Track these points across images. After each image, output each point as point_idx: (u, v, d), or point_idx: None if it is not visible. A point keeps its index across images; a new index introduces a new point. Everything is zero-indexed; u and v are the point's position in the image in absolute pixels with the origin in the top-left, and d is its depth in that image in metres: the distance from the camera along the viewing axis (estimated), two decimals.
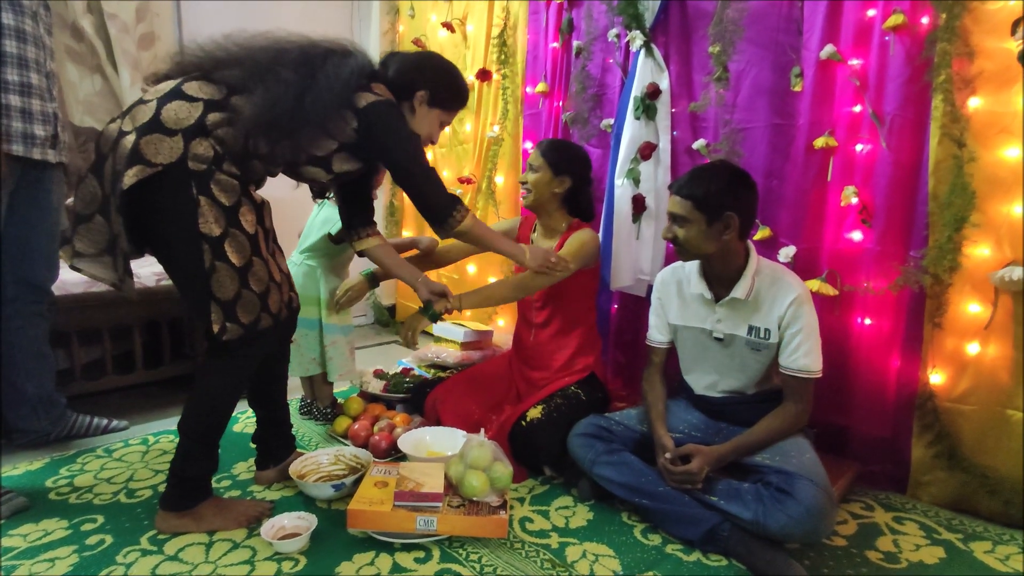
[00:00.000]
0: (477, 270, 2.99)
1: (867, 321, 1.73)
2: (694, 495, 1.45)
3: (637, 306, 2.25)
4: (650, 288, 1.89)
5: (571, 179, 1.92)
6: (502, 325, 2.90)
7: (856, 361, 1.76)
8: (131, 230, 1.32)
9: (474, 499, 1.43)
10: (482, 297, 1.82)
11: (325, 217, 2.03)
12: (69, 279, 2.01)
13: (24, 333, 1.77)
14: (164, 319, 2.21)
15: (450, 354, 2.36)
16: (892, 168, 1.63)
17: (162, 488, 1.61)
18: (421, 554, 1.35)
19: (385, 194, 3.50)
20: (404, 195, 3.44)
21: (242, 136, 1.33)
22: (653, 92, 2.02)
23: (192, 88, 1.34)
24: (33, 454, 1.81)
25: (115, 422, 2.01)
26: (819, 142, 1.73)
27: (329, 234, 1.99)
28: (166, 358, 2.24)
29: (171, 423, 2.05)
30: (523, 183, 1.94)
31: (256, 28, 2.92)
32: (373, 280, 2.05)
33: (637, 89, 2.04)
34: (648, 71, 2.04)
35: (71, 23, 2.35)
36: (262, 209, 1.42)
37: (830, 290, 1.75)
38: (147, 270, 2.19)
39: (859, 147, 1.70)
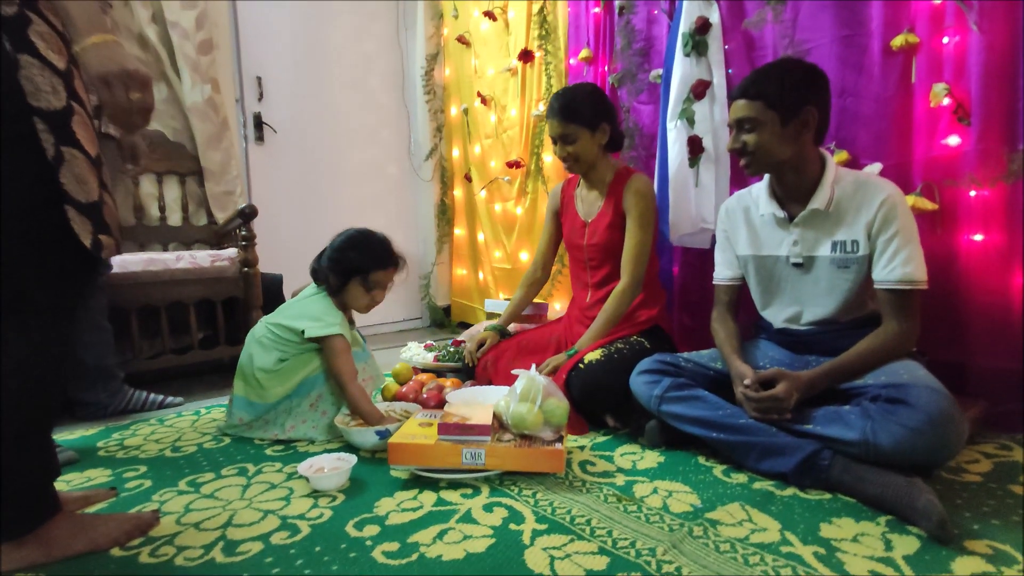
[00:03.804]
0: (531, 256, 2.88)
1: (977, 237, 1.49)
2: (783, 426, 1.24)
3: (702, 262, 2.07)
4: (715, 240, 1.72)
5: (608, 123, 1.79)
6: (558, 309, 2.76)
7: (968, 284, 1.50)
8: None
9: (526, 433, 1.28)
10: (597, 332, 1.71)
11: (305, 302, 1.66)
12: (129, 259, 2.07)
13: (84, 304, 1.80)
14: (219, 299, 2.22)
15: None
16: (988, 55, 1.42)
17: (208, 446, 1.57)
18: (469, 491, 1.21)
19: (435, 193, 3.49)
20: (455, 194, 3.45)
21: None
22: (702, 26, 1.90)
23: None
24: (90, 425, 1.81)
25: (171, 398, 2.00)
26: (897, 41, 1.54)
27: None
28: (221, 339, 2.24)
29: (224, 400, 2.03)
30: (564, 158, 1.79)
31: (307, 37, 3.08)
32: (504, 334, 1.97)
33: (685, 25, 1.93)
34: (696, 6, 1.93)
35: (137, 33, 2.51)
36: None
37: (928, 204, 1.52)
38: (203, 252, 2.22)
39: (945, 40, 1.50)
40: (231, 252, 2.26)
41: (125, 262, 2.03)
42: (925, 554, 0.93)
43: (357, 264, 1.61)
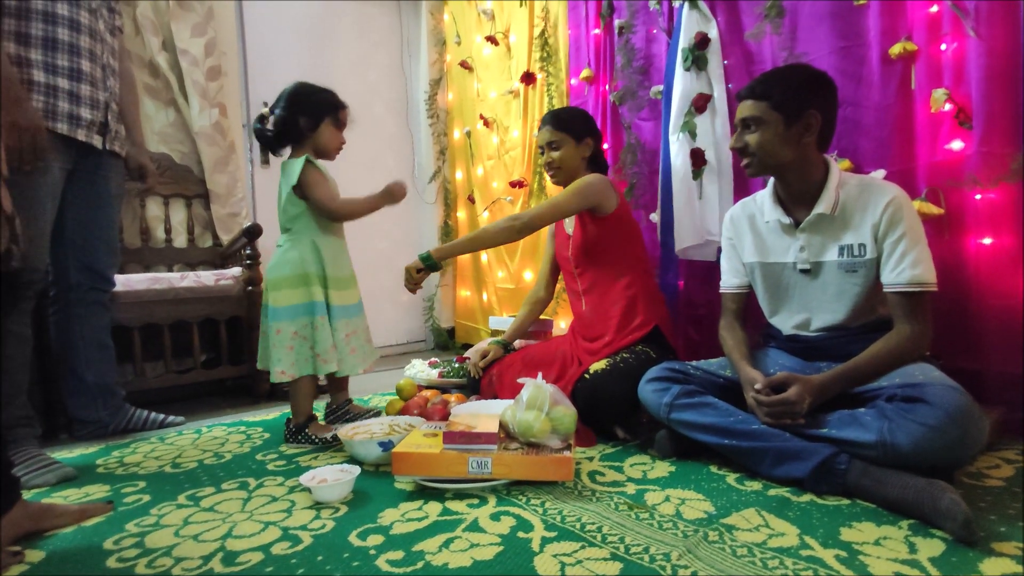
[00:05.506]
0: (534, 276, 2.88)
1: (986, 240, 1.47)
2: (797, 431, 1.21)
3: (708, 274, 2.06)
4: (720, 252, 1.72)
5: (592, 138, 1.85)
6: (563, 327, 2.74)
7: (979, 289, 1.48)
8: None
9: (533, 441, 1.25)
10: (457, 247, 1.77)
11: (285, 174, 1.71)
12: (133, 277, 2.07)
13: (86, 321, 1.80)
14: (222, 319, 2.21)
15: None
16: (987, 59, 1.43)
17: (209, 462, 1.54)
18: (475, 501, 1.18)
19: (439, 215, 3.51)
20: (458, 216, 3.47)
21: None
22: (701, 41, 1.93)
23: None
24: (89, 444, 1.78)
25: (171, 417, 1.97)
26: (895, 49, 1.56)
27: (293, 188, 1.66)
28: (224, 359, 2.22)
29: (226, 419, 2.00)
30: (548, 164, 1.85)
31: (313, 64, 3.14)
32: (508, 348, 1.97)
33: (684, 40, 1.96)
34: (694, 22, 1.96)
35: (148, 60, 2.57)
36: None
37: (934, 209, 1.51)
38: (207, 272, 2.22)
39: (943, 46, 1.52)
40: (235, 271, 2.27)
41: (129, 280, 2.03)
42: (952, 556, 0.89)
43: (330, 101, 1.67)
